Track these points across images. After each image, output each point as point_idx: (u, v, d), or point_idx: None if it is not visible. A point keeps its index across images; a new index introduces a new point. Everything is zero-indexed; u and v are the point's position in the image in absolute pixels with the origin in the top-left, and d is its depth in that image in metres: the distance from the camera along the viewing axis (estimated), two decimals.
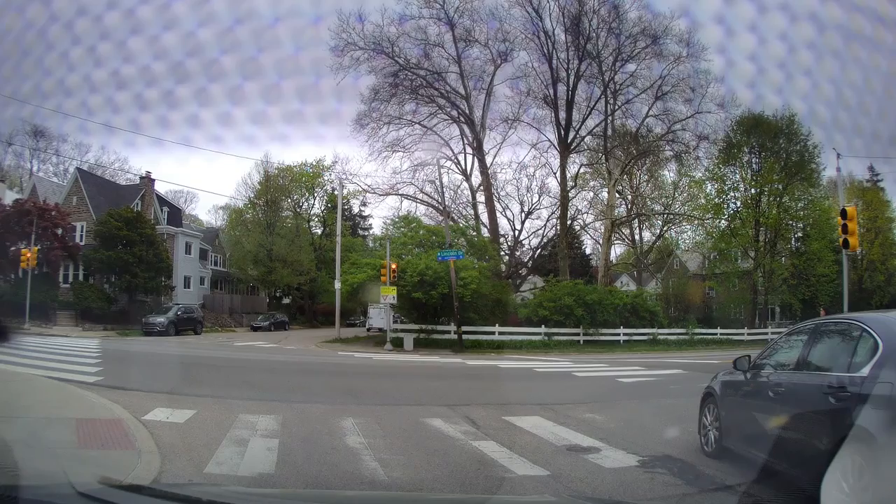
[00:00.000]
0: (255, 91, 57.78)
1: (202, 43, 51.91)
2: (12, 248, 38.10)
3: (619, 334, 33.09)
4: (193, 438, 7.68)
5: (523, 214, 43.73)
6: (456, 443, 7.97)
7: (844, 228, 19.54)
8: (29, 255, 35.12)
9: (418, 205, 42.16)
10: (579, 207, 46.30)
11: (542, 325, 31.42)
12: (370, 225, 66.27)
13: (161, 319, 35.88)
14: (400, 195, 41.89)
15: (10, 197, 42.62)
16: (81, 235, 43.21)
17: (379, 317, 38.59)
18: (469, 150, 41.54)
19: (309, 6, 70.77)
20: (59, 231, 39.56)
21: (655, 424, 9.87)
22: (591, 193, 47.58)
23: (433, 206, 40.88)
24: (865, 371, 4.78)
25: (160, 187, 52.54)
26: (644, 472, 6.74)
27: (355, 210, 66.48)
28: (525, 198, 43.48)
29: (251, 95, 58.15)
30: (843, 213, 19.83)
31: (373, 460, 6.84)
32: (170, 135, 71.91)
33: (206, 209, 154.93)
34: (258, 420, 8.80)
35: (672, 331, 36.21)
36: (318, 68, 57.58)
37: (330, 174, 55.43)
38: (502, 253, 42.22)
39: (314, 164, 56.47)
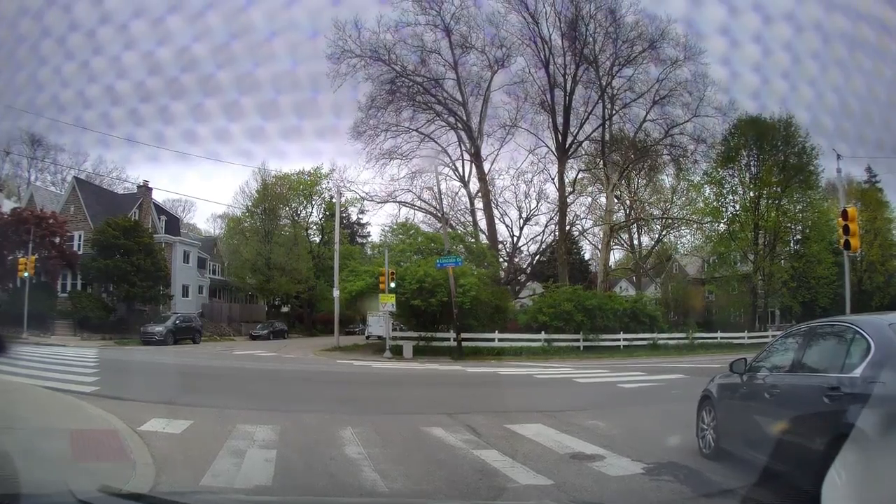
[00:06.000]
0: (252, 106, 57.60)
1: (197, 58, 51.81)
2: (10, 258, 37.96)
3: (619, 340, 32.91)
4: (190, 449, 7.54)
5: (521, 221, 43.65)
6: (457, 452, 7.83)
7: (846, 230, 19.45)
8: (26, 262, 34.97)
9: (416, 212, 42.10)
10: (578, 213, 46.25)
11: (542, 332, 31.23)
12: (368, 233, 66.16)
13: (159, 328, 35.63)
14: (398, 202, 41.84)
15: (7, 206, 42.46)
16: (79, 244, 43.06)
17: (378, 325, 38.41)
18: (467, 156, 41.54)
19: (306, 20, 70.65)
20: (57, 240, 39.42)
21: (659, 430, 9.75)
22: (590, 199, 47.53)
23: (431, 213, 40.82)
24: (858, 372, 4.89)
25: (158, 197, 52.48)
26: (650, 480, 6.62)
27: (353, 218, 66.39)
28: (523, 204, 43.41)
29: (248, 111, 57.97)
30: (844, 214, 19.75)
31: (372, 471, 6.70)
32: (164, 153, 71.87)
33: (205, 218, 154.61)
34: (256, 430, 8.65)
35: (672, 335, 36.03)
36: (315, 83, 57.46)
37: (328, 182, 55.39)
38: (501, 259, 42.10)
39: (312, 171, 56.41)
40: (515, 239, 44.43)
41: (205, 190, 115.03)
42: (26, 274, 34.66)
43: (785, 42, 39.42)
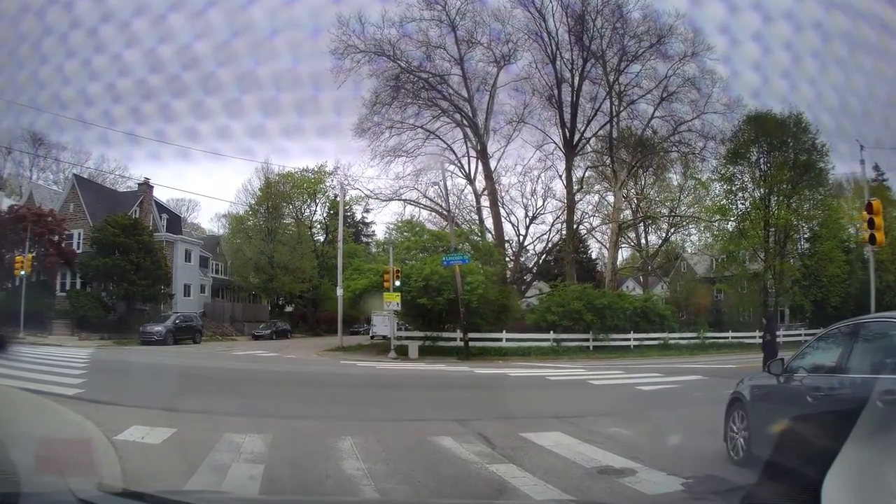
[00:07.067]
0: (254, 104, 56.81)
1: (199, 56, 51.07)
2: (7, 256, 37.27)
3: (629, 339, 32.09)
4: (167, 463, 6.70)
5: (528, 219, 42.94)
6: (470, 467, 6.93)
7: (870, 223, 18.56)
8: (23, 260, 34.26)
9: (422, 210, 41.28)
10: (585, 211, 45.45)
11: (551, 331, 30.39)
12: (373, 232, 65.48)
13: (159, 328, 34.84)
14: (403, 200, 40.94)
15: (5, 204, 41.80)
16: (78, 243, 42.37)
17: (383, 324, 37.61)
18: (473, 153, 40.69)
19: (308, 18, 69.70)
20: (55, 238, 38.71)
21: (689, 438, 8.93)
22: (597, 197, 46.71)
23: (437, 212, 40.03)
24: None
25: (161, 195, 51.77)
26: (693, 499, 5.82)
27: (358, 217, 65.79)
28: (529, 202, 42.69)
29: (249, 109, 57.22)
30: (869, 207, 18.86)
31: (373, 490, 5.84)
32: (166, 152, 71.32)
33: (209, 217, 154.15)
34: (244, 441, 7.76)
35: (683, 335, 35.27)
36: (317, 82, 56.66)
37: (332, 180, 54.58)
38: (507, 258, 41.27)
39: (315, 169, 55.60)
40: (521, 238, 43.77)
41: (207, 188, 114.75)
42: (23, 272, 33.97)
43: (785, 41, 38.88)
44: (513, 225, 43.21)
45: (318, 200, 59.39)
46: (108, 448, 7.06)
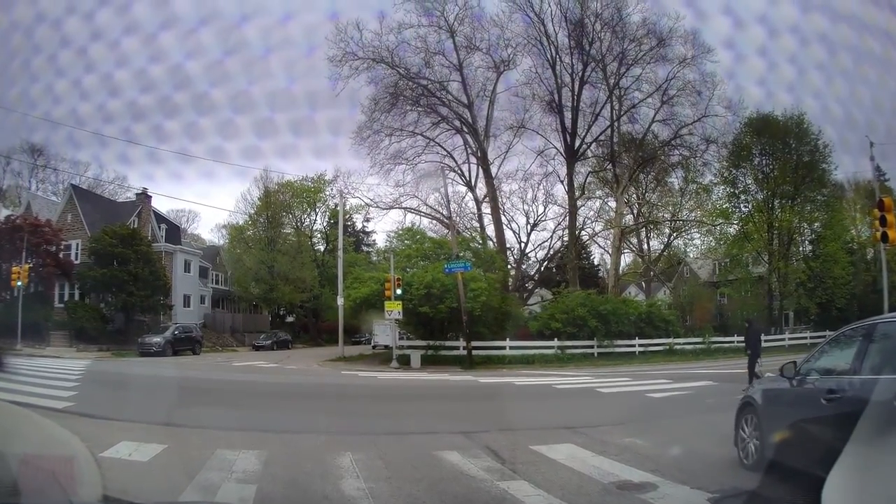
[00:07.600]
0: (248, 125, 56.12)
1: (191, 75, 50.42)
2: (4, 267, 36.86)
3: (634, 345, 31.61)
4: (152, 483, 6.25)
5: (529, 227, 42.61)
6: (480, 485, 6.46)
7: (882, 220, 18.07)
8: (20, 271, 33.83)
9: (422, 218, 40.87)
10: (587, 216, 45.03)
11: (555, 339, 29.92)
12: (374, 241, 64.98)
13: (157, 339, 34.35)
14: (403, 208, 40.58)
15: (2, 214, 41.44)
16: (76, 253, 41.90)
17: (384, 333, 37.10)
18: (473, 160, 40.31)
19: (302, 37, 69.02)
20: (53, 248, 38.29)
21: (708, 448, 8.47)
22: (599, 202, 46.29)
23: (437, 219, 39.63)
24: None
25: (160, 206, 51.33)
26: None
27: (358, 226, 65.30)
28: (531, 209, 42.38)
29: (243, 129, 56.57)
30: (880, 205, 18.38)
31: None
32: (159, 172, 70.80)
33: (209, 228, 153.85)
34: (237, 458, 7.29)
35: (688, 340, 34.82)
36: (312, 101, 55.74)
37: (331, 189, 54.14)
38: (509, 266, 40.85)
39: (315, 177, 55.16)
40: (523, 245, 43.37)
41: (202, 206, 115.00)
42: (20, 283, 33.56)
43: (790, 54, 38.97)
44: (514, 232, 42.97)
45: (317, 210, 58.96)
46: (93, 467, 6.61)
